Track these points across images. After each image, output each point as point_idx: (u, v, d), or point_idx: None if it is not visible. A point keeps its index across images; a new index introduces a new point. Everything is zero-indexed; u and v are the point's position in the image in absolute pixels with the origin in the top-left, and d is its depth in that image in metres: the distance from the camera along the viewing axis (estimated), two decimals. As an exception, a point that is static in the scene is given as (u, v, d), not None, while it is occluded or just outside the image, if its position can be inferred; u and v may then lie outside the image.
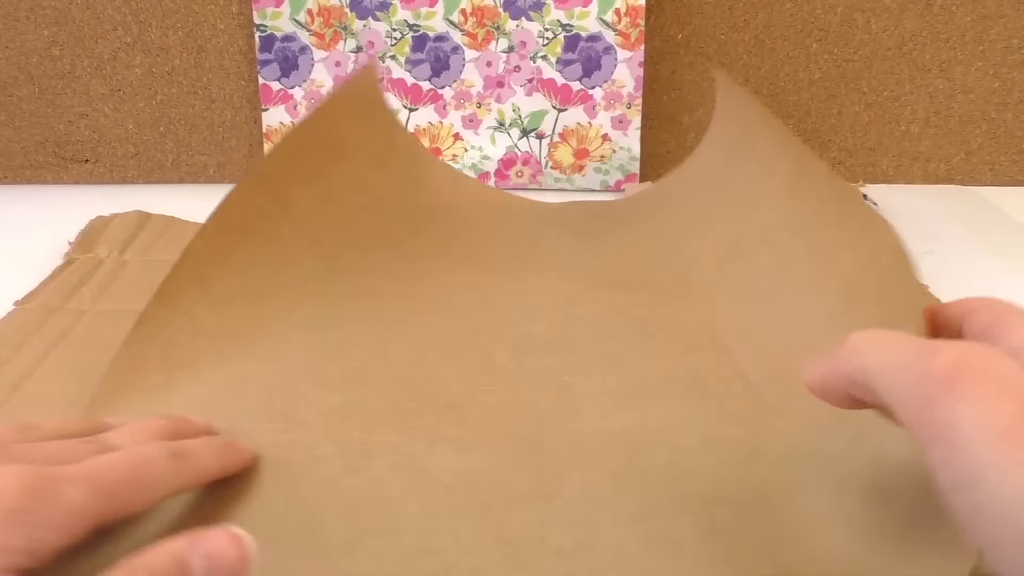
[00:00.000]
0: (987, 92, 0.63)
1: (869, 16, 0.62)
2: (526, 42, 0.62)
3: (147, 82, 0.65)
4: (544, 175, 0.65)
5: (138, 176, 0.68)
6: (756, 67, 0.64)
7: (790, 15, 0.63)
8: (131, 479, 0.25)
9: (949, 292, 0.48)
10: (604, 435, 0.33)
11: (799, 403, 0.31)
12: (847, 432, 0.30)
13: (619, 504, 0.29)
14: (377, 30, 0.63)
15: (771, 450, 0.32)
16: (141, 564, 0.22)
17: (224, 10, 0.63)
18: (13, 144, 0.66)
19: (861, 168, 0.66)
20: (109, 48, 0.64)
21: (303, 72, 0.64)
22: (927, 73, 0.63)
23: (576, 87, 0.63)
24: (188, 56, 0.65)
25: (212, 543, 0.23)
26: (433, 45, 0.63)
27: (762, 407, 0.34)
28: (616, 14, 0.61)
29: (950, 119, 0.65)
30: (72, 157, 0.67)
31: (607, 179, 0.65)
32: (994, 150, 0.65)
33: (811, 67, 0.64)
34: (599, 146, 0.64)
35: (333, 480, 0.30)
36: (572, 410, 0.34)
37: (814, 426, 0.32)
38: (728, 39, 0.64)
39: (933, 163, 0.66)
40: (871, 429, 0.28)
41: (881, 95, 0.64)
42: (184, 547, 0.22)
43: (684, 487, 0.30)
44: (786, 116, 0.65)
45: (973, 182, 0.66)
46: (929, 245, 0.55)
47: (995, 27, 0.62)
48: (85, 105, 0.66)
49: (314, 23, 0.63)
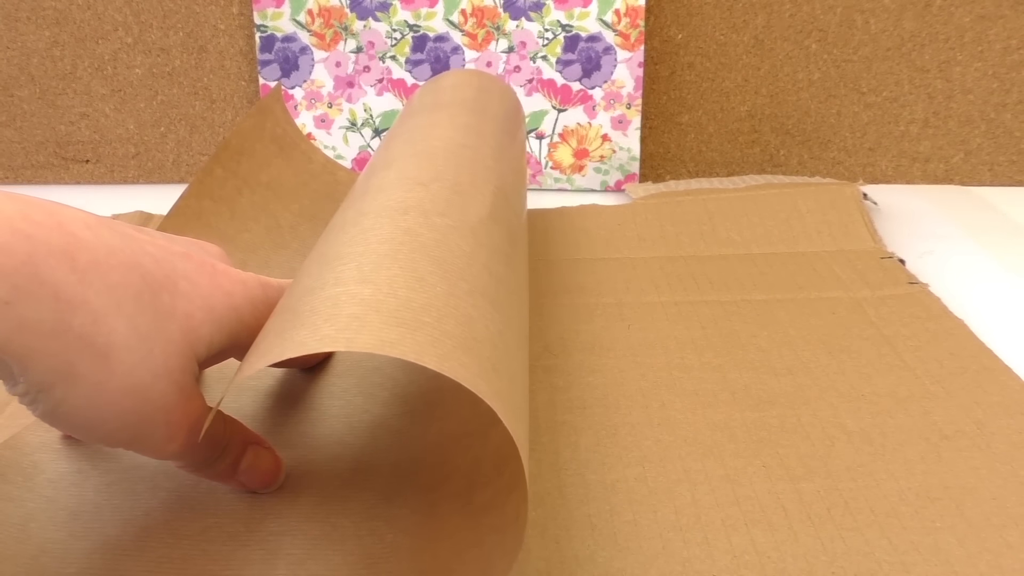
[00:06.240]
0: (986, 92, 0.64)
1: (868, 17, 0.62)
2: (526, 42, 0.62)
3: (148, 82, 0.65)
4: (544, 175, 0.65)
5: (139, 176, 0.68)
6: (756, 67, 0.64)
7: (790, 16, 0.63)
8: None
9: (949, 292, 0.48)
10: None
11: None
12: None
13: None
14: (377, 30, 0.63)
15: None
16: None
17: (225, 11, 0.63)
18: (14, 144, 0.66)
19: (860, 168, 0.67)
20: (110, 49, 0.64)
21: (303, 72, 0.64)
22: (926, 74, 0.64)
23: (576, 87, 0.63)
24: (189, 57, 0.65)
25: None
26: (433, 45, 0.63)
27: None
28: (616, 15, 0.61)
29: (949, 119, 0.65)
30: (73, 157, 0.67)
31: (607, 179, 0.65)
32: (993, 150, 0.65)
33: (810, 67, 0.64)
34: (599, 146, 0.64)
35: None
36: None
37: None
38: (728, 39, 0.64)
39: (932, 163, 0.66)
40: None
41: (880, 95, 0.64)
42: None
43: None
44: (786, 116, 0.65)
45: (972, 182, 0.66)
46: (929, 245, 0.55)
47: (994, 28, 0.62)
48: (86, 105, 0.66)
49: (314, 23, 0.63)
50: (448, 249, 0.28)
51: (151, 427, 0.26)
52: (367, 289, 0.25)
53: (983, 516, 0.32)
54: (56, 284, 0.23)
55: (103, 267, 0.24)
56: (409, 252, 0.27)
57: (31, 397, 0.24)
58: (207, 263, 0.29)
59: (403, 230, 0.29)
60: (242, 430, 0.30)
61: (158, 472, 0.32)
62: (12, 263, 0.22)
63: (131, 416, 0.25)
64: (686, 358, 0.42)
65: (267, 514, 0.30)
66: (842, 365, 0.41)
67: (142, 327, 0.25)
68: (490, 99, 0.47)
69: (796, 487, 0.34)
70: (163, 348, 0.25)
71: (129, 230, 0.27)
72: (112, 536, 0.29)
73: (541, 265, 0.52)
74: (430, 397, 0.35)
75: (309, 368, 0.38)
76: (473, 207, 0.33)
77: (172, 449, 0.27)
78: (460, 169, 0.35)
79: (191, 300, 0.27)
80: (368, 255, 0.27)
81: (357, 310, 0.24)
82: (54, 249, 0.23)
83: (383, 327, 0.23)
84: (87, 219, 0.25)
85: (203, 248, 0.31)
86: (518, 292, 0.33)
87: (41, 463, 0.32)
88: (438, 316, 0.24)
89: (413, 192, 0.32)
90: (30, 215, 0.23)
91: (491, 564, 0.26)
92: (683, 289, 0.49)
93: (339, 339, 0.23)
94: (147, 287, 0.26)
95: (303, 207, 0.54)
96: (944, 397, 0.39)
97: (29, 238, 0.23)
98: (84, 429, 0.26)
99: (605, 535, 0.31)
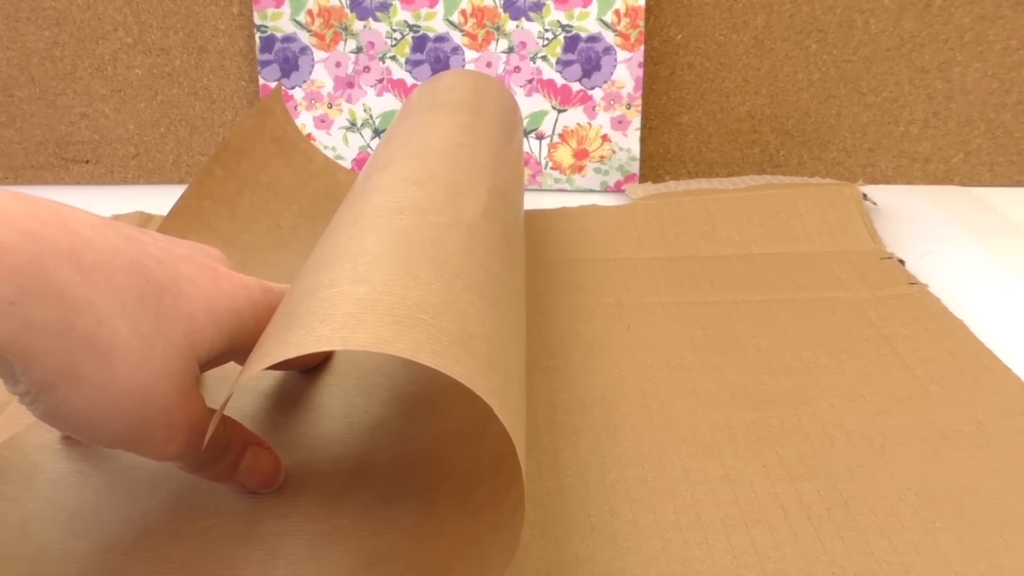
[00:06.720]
0: (986, 93, 0.64)
1: (868, 17, 0.62)
2: (526, 43, 0.62)
3: (148, 83, 0.65)
4: (544, 175, 0.65)
5: (139, 177, 0.68)
6: (756, 67, 0.64)
7: (789, 16, 0.63)
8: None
9: (948, 292, 0.48)
10: None
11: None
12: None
13: None
14: (377, 31, 0.63)
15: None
16: None
17: (225, 11, 0.63)
18: (14, 144, 0.66)
19: (860, 168, 0.67)
20: (110, 49, 0.64)
21: (303, 73, 0.64)
22: (926, 74, 0.64)
23: (576, 88, 0.63)
24: (189, 57, 0.65)
25: None
26: (433, 46, 0.63)
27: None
28: (616, 15, 0.61)
29: (949, 120, 0.65)
30: (73, 158, 0.67)
31: (607, 179, 0.65)
32: (993, 151, 0.65)
33: (810, 68, 0.64)
34: (599, 146, 0.64)
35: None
36: None
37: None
38: (727, 40, 0.64)
39: (932, 163, 0.66)
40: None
41: (880, 96, 0.64)
42: None
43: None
44: (786, 116, 0.65)
45: (972, 182, 0.66)
46: (928, 245, 0.55)
47: (994, 28, 0.62)
48: (86, 106, 0.66)
49: (314, 24, 0.63)
50: (443, 247, 0.28)
51: (151, 428, 0.26)
52: (362, 288, 0.25)
53: (983, 516, 0.32)
54: (61, 284, 0.23)
55: (107, 268, 0.24)
56: (404, 250, 0.27)
57: (32, 397, 0.24)
58: (209, 266, 0.29)
59: (398, 229, 0.29)
60: (242, 431, 0.30)
61: (158, 472, 0.32)
62: (19, 262, 0.22)
63: (132, 417, 0.25)
64: (686, 358, 0.42)
65: (267, 514, 0.30)
66: (842, 365, 0.41)
67: (145, 328, 0.25)
68: (487, 100, 0.47)
69: (796, 487, 0.34)
70: (165, 349, 0.26)
71: (132, 232, 0.27)
72: (112, 536, 0.29)
73: (541, 265, 0.52)
74: (429, 397, 0.35)
75: (309, 369, 0.38)
76: (469, 205, 0.33)
77: (172, 450, 0.27)
78: (456, 168, 0.36)
79: (193, 302, 0.27)
80: (363, 255, 0.27)
81: (353, 309, 0.24)
82: (60, 249, 0.23)
83: (379, 325, 0.23)
84: (91, 219, 0.25)
85: (205, 251, 0.31)
86: (515, 290, 0.33)
87: (41, 463, 0.32)
88: (434, 313, 0.24)
89: (408, 191, 0.32)
90: (35, 214, 0.23)
91: (489, 561, 0.26)
92: (683, 289, 0.49)
93: (335, 338, 0.23)
94: (150, 288, 0.26)
95: (303, 207, 0.54)
96: (944, 397, 0.39)
97: (35, 237, 0.23)
98: (85, 430, 0.26)
99: (605, 535, 0.31)
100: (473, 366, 0.24)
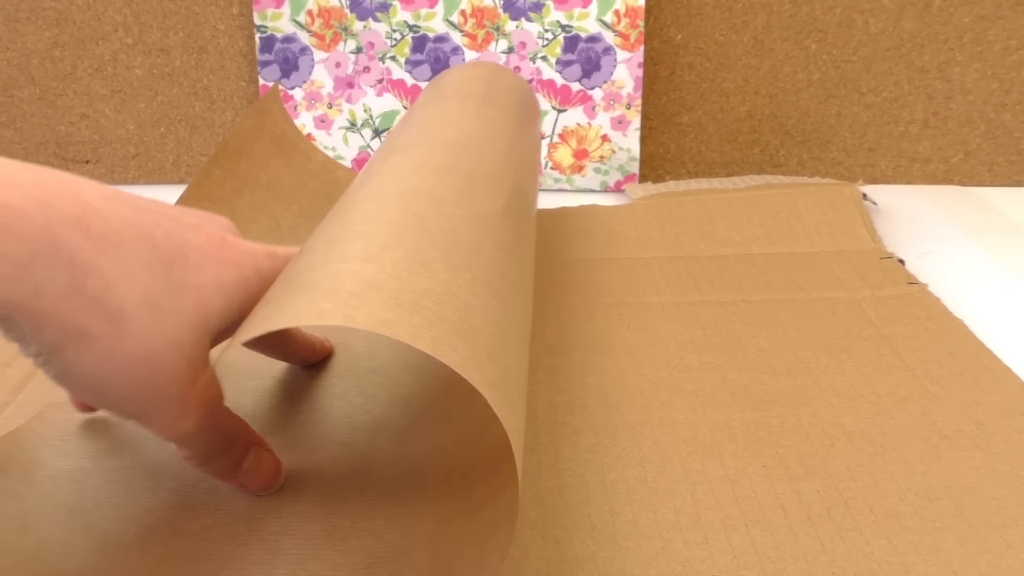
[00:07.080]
0: (985, 93, 0.64)
1: (868, 17, 0.62)
2: (526, 43, 0.62)
3: (148, 83, 0.65)
4: (544, 175, 0.65)
5: (139, 177, 0.68)
6: (755, 68, 0.64)
7: (789, 16, 0.63)
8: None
9: (948, 292, 0.48)
10: None
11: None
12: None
13: None
14: (377, 31, 0.63)
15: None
16: None
17: (225, 11, 0.64)
18: (14, 145, 0.66)
19: (860, 168, 0.67)
20: (110, 49, 0.64)
21: (303, 73, 0.64)
22: (926, 74, 0.64)
23: (576, 88, 0.63)
24: (189, 57, 0.65)
25: None
26: (433, 46, 0.63)
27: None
28: (616, 15, 0.61)
29: (949, 120, 0.65)
30: (73, 158, 0.67)
31: (607, 179, 0.65)
32: (992, 150, 0.65)
33: (810, 68, 0.64)
34: (599, 146, 0.64)
35: None
36: None
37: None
38: (727, 40, 0.64)
39: (932, 163, 0.66)
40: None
41: (880, 96, 0.64)
42: None
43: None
44: (785, 116, 0.65)
45: (972, 182, 0.66)
46: (928, 245, 0.55)
47: (993, 28, 0.62)
48: (86, 106, 0.66)
49: (314, 24, 0.63)
50: (455, 238, 0.28)
51: (163, 400, 0.26)
52: (370, 268, 0.25)
53: (983, 516, 0.32)
54: (71, 249, 0.23)
55: (116, 237, 0.25)
56: (416, 236, 0.27)
57: (44, 359, 0.24)
58: (216, 235, 0.29)
59: (412, 214, 0.29)
60: (247, 430, 0.30)
61: (159, 471, 0.32)
62: (31, 227, 0.22)
63: (142, 385, 0.25)
64: (686, 358, 0.42)
65: (267, 514, 0.30)
66: (842, 365, 0.41)
67: (154, 297, 0.25)
68: (512, 96, 0.47)
69: (796, 487, 0.34)
70: (175, 319, 0.26)
71: (142, 202, 0.27)
72: (112, 533, 0.29)
73: (541, 265, 0.52)
74: (430, 397, 0.35)
75: (309, 366, 0.38)
76: (485, 200, 0.33)
77: (184, 427, 0.27)
78: (477, 163, 0.36)
79: (202, 273, 0.27)
80: (375, 235, 0.27)
81: (358, 287, 0.24)
82: (69, 216, 0.23)
83: (381, 307, 0.23)
84: (102, 190, 0.26)
85: (213, 220, 0.31)
86: (522, 289, 0.33)
87: (41, 459, 0.32)
88: (438, 301, 0.25)
89: (426, 179, 0.32)
90: (44, 183, 0.23)
91: (487, 558, 0.26)
92: (683, 289, 0.49)
93: (337, 314, 0.23)
94: (159, 258, 0.26)
95: (303, 207, 0.54)
96: (944, 397, 0.39)
97: (45, 204, 0.23)
98: (97, 394, 0.26)
99: (605, 535, 0.31)
100: (470, 356, 0.24)
